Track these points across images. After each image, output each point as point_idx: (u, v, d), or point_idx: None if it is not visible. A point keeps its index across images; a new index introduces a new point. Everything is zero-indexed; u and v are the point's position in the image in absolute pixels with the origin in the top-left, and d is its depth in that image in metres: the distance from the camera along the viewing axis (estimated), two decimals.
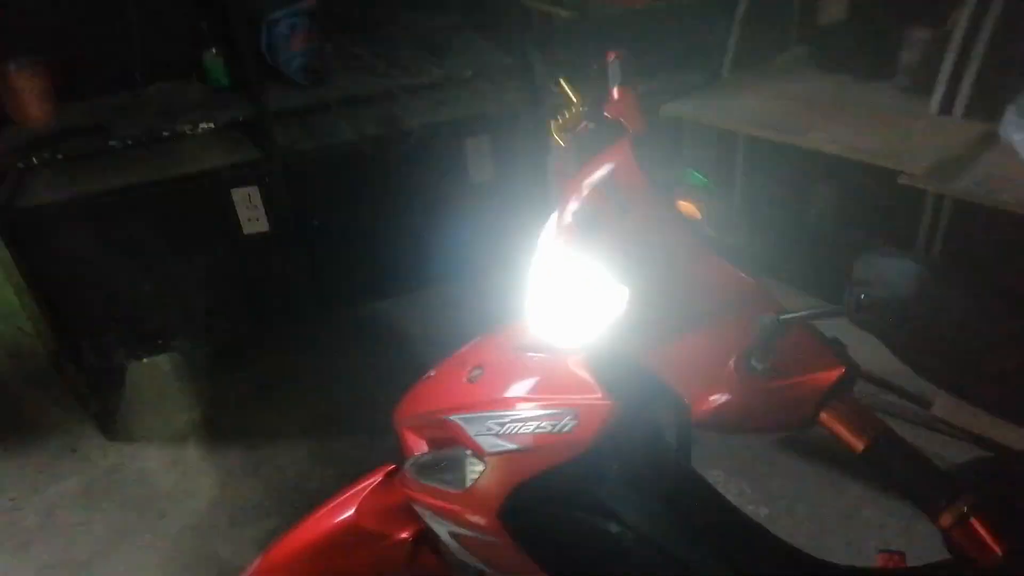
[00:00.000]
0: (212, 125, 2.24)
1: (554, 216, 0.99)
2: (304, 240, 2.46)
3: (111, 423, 2.54)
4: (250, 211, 2.36)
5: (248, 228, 2.38)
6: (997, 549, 0.69)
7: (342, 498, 1.29)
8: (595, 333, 0.89)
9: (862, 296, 0.61)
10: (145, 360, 2.75)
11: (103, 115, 2.30)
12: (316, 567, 1.27)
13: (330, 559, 1.26)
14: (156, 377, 2.76)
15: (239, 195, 2.33)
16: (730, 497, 1.10)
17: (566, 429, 0.94)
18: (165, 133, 2.22)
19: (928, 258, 0.56)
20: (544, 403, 0.97)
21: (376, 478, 1.28)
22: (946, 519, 0.70)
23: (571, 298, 0.91)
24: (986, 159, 1.78)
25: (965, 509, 0.69)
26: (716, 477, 2.03)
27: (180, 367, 2.78)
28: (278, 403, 2.62)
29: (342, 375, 2.70)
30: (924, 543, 1.10)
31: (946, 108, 1.97)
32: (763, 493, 1.12)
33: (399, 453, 1.25)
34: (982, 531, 0.69)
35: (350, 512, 1.26)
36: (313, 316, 2.62)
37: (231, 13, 2.11)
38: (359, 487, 1.28)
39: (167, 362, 2.80)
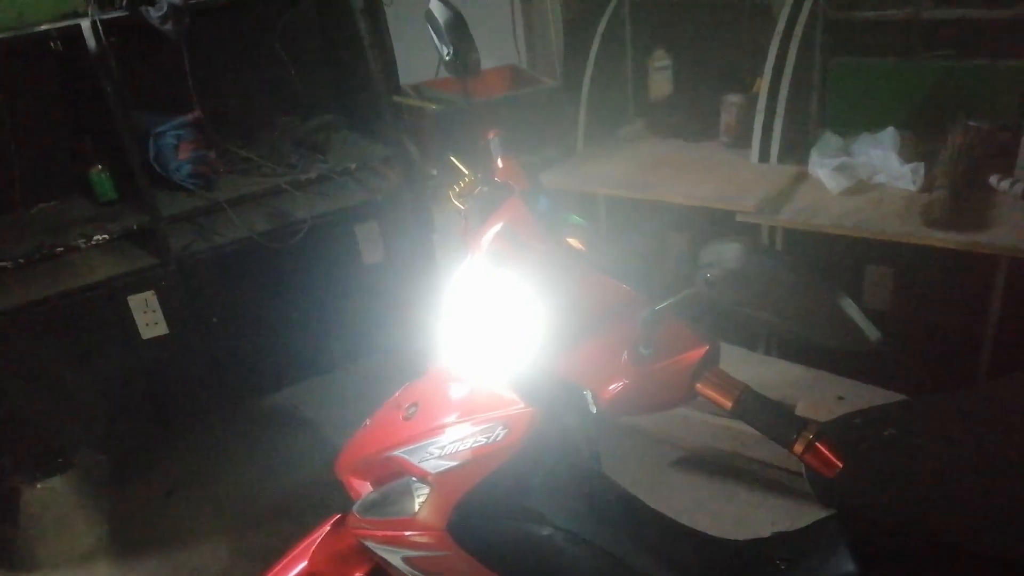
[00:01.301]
0: (106, 236, 2.31)
1: (464, 263, 1.19)
2: (204, 338, 2.52)
3: (11, 553, 2.44)
4: (148, 315, 2.41)
5: (147, 332, 2.43)
6: (838, 462, 0.90)
7: (293, 553, 1.37)
8: (515, 352, 1.08)
9: (708, 275, 0.84)
10: (40, 485, 2.68)
11: None
12: None
13: None
14: (55, 498, 2.68)
15: (135, 301, 2.38)
16: None
17: (499, 438, 1.11)
18: (59, 249, 2.27)
19: (749, 240, 0.75)
20: (477, 421, 1.14)
21: (325, 528, 1.38)
22: (798, 447, 0.91)
23: (492, 324, 1.09)
24: (801, 193, 2.15)
25: (811, 436, 0.90)
26: None
27: (80, 484, 2.72)
28: (189, 505, 2.60)
29: (252, 467, 2.72)
30: None
31: (764, 157, 2.34)
32: (667, 509, 1.31)
33: (347, 502, 1.36)
34: (825, 451, 0.90)
35: (303, 564, 1.35)
36: (218, 412, 2.65)
37: (121, 130, 2.22)
38: (309, 540, 1.38)
39: (65, 481, 2.73)
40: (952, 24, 2.22)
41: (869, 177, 2.15)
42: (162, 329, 2.43)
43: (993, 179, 2.02)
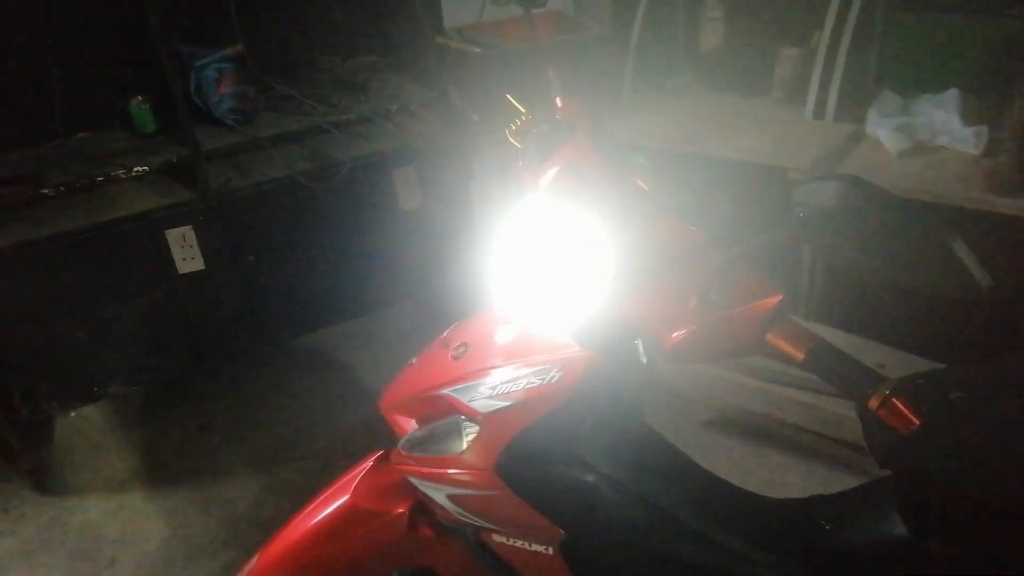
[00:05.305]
0: (146, 168, 2.29)
1: (523, 202, 1.15)
2: (240, 276, 2.51)
3: (45, 478, 2.49)
4: (185, 250, 2.40)
5: (183, 267, 2.41)
6: (915, 419, 0.87)
7: (335, 487, 1.37)
8: (578, 292, 1.05)
9: (801, 214, 0.79)
10: (74, 413, 2.71)
11: (29, 166, 2.30)
12: (316, 552, 1.34)
13: (329, 542, 1.33)
14: (88, 427, 2.72)
15: (173, 235, 2.37)
16: None
17: (553, 380, 1.09)
18: (99, 179, 2.25)
19: (848, 177, 0.71)
20: (530, 362, 1.12)
21: (367, 463, 1.38)
22: (874, 402, 0.87)
23: (556, 263, 1.06)
24: (858, 152, 2.08)
25: (888, 392, 0.86)
26: None
27: (115, 414, 2.75)
28: (222, 440, 2.63)
29: (285, 406, 2.74)
30: None
31: (819, 114, 2.27)
32: None
33: (389, 438, 1.36)
34: (902, 407, 0.86)
35: (345, 497, 1.34)
36: (252, 350, 2.66)
37: (162, 61, 2.18)
38: (351, 474, 1.37)
39: (98, 411, 2.76)
40: None
41: (930, 139, 2.08)
42: (199, 264, 2.42)
43: None
